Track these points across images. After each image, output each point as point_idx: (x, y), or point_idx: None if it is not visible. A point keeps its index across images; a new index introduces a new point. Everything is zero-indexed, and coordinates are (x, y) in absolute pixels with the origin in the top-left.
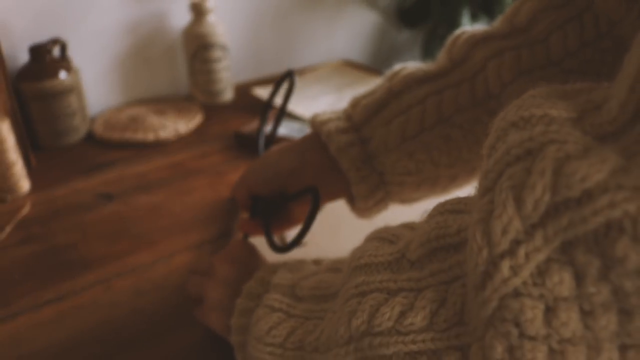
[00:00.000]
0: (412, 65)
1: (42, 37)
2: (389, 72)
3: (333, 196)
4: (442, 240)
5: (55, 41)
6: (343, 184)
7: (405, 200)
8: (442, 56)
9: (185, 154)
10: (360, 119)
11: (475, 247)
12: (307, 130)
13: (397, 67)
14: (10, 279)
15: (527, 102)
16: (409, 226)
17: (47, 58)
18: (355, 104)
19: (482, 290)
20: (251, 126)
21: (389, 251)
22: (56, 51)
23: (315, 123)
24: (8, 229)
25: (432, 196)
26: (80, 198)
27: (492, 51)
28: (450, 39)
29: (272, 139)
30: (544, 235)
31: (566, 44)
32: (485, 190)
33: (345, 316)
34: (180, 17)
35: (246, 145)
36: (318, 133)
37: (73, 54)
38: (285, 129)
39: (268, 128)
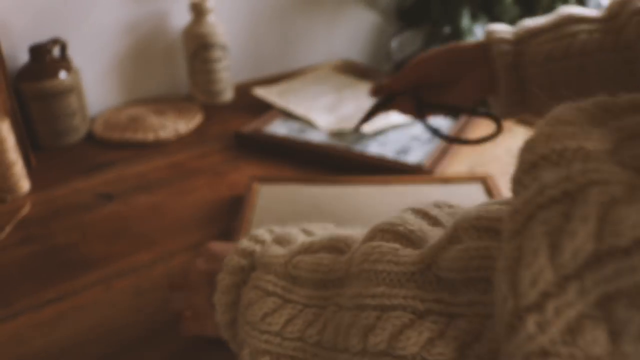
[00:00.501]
0: (577, 8)
1: (42, 37)
2: (557, 11)
3: (470, 94)
4: (483, 272)
5: (55, 41)
6: (486, 83)
7: (535, 111)
8: (606, 7)
9: (185, 154)
10: (523, 37)
11: (501, 297)
12: (306, 130)
13: (563, 8)
14: (10, 279)
15: (558, 131)
16: (426, 216)
17: (47, 58)
18: (522, 26)
19: (506, 343)
20: (251, 126)
21: (411, 259)
22: (56, 51)
23: (489, 31)
24: (8, 229)
25: None
26: (80, 198)
27: (636, 9)
28: None
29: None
30: (580, 288)
31: None
32: (513, 234)
33: (361, 328)
34: (180, 17)
35: (246, 145)
36: (488, 39)
37: (73, 54)
38: (285, 129)
39: (268, 128)
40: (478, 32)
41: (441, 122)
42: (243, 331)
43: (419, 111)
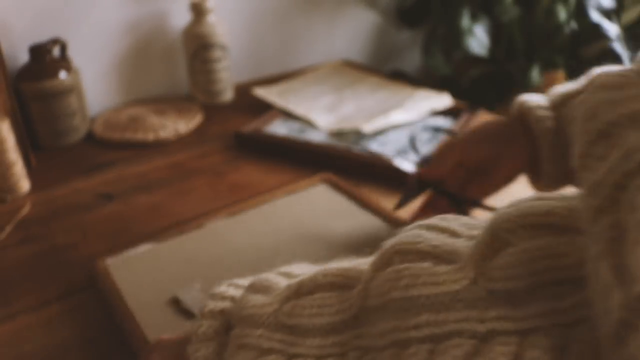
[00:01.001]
0: (610, 67)
1: (42, 37)
2: (589, 73)
3: (522, 168)
4: (553, 274)
5: (55, 41)
6: (525, 158)
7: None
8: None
9: (185, 154)
10: (559, 101)
11: (603, 288)
12: (306, 130)
13: (597, 69)
14: (10, 279)
15: (617, 96)
16: (439, 230)
17: (47, 58)
18: (555, 92)
19: (619, 345)
20: (251, 126)
21: (452, 277)
22: (56, 51)
23: (519, 102)
24: (8, 229)
25: None
26: (80, 198)
27: None
28: None
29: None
30: None
31: None
32: (599, 212)
33: None
34: (180, 17)
35: (246, 145)
36: (520, 110)
37: (73, 54)
38: (285, 129)
39: (268, 128)
40: (478, 31)
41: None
42: None
43: (457, 207)
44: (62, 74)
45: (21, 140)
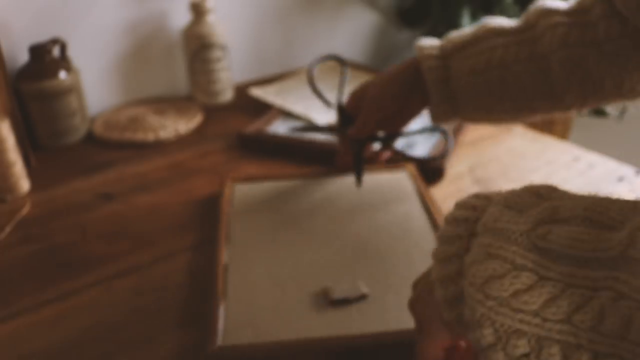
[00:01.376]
0: (498, 20)
1: (41, 37)
2: (479, 22)
3: (417, 111)
4: (599, 253)
5: (55, 41)
6: (420, 97)
7: (467, 118)
8: (522, 17)
9: (185, 154)
10: (449, 52)
11: None
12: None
13: (485, 19)
14: (10, 279)
15: None
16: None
17: (46, 58)
18: (450, 39)
19: None
20: (253, 127)
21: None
22: (56, 51)
23: (419, 47)
24: (8, 229)
25: (490, 122)
26: (80, 198)
27: (552, 23)
28: (531, 5)
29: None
30: None
31: (609, 31)
32: None
33: None
34: (180, 17)
35: (248, 146)
36: (418, 56)
37: (73, 53)
38: (285, 128)
39: (269, 128)
40: None
41: None
42: (482, 307)
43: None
44: (62, 74)
45: (21, 140)
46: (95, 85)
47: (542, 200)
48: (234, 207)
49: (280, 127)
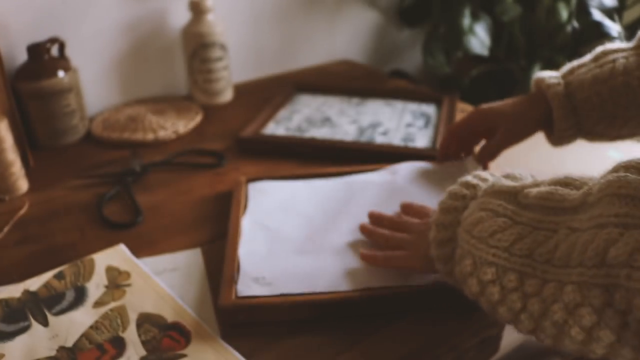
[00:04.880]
0: (615, 44)
1: (40, 36)
2: (595, 50)
3: (528, 130)
4: (565, 203)
5: (53, 40)
6: (541, 118)
7: (588, 133)
8: (636, 38)
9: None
10: (567, 72)
11: None
12: (306, 128)
13: (601, 47)
14: (9, 279)
15: None
16: None
17: (45, 57)
18: (567, 67)
19: None
20: (250, 129)
21: None
22: (54, 50)
23: (537, 77)
24: (6, 229)
25: (610, 135)
26: (79, 198)
27: None
28: None
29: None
30: None
31: None
32: None
33: (602, 243)
34: (179, 16)
35: (247, 148)
36: (536, 82)
37: (71, 53)
38: (283, 128)
39: (267, 129)
40: (479, 31)
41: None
42: (467, 245)
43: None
44: (61, 73)
45: (19, 140)
46: (94, 85)
47: (530, 176)
48: (249, 204)
49: (277, 128)
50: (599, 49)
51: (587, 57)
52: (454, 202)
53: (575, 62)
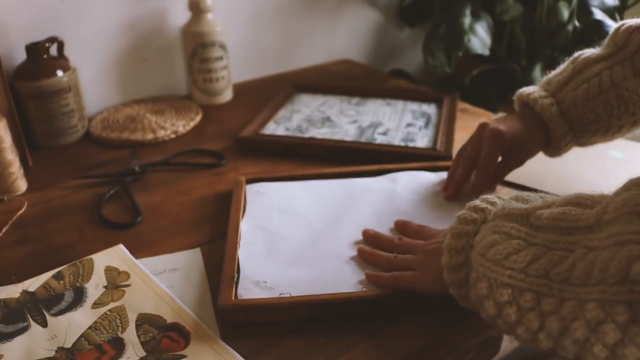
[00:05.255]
0: (588, 51)
1: (39, 35)
2: (572, 57)
3: (535, 150)
4: (579, 223)
5: (52, 40)
6: (542, 138)
7: (584, 144)
8: (608, 42)
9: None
10: (555, 90)
11: None
12: (306, 128)
13: (577, 53)
14: (7, 279)
15: None
16: None
17: (44, 56)
18: (549, 81)
19: None
20: (249, 129)
21: None
22: (53, 50)
23: (522, 96)
24: (5, 229)
25: (603, 141)
26: (78, 198)
27: None
28: (613, 29)
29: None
30: None
31: None
32: None
33: (624, 260)
34: (178, 16)
35: (247, 148)
36: (525, 102)
37: (70, 52)
38: (283, 128)
39: (267, 129)
40: (479, 30)
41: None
42: (482, 268)
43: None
44: (60, 73)
45: (18, 140)
46: (93, 85)
47: (540, 198)
48: (246, 204)
49: (277, 128)
50: (576, 55)
51: (567, 68)
52: (465, 227)
53: (554, 74)
